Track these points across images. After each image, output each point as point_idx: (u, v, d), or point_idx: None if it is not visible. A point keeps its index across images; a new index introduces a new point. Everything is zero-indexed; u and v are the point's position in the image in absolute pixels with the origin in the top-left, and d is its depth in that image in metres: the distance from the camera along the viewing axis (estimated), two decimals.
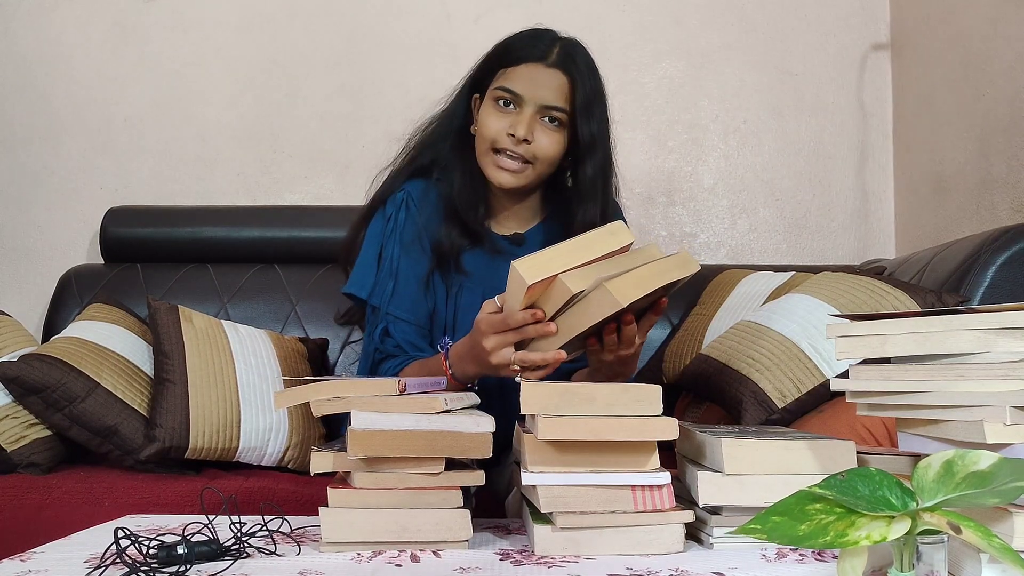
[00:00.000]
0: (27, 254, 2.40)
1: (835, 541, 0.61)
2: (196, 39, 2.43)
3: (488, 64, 1.42)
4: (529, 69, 1.35)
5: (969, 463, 0.66)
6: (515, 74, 1.36)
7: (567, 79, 1.35)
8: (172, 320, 1.76)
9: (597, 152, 1.38)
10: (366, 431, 0.90)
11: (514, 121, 1.34)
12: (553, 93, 1.34)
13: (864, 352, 0.87)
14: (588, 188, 1.39)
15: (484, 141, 1.37)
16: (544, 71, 1.35)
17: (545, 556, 0.87)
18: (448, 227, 1.39)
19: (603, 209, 1.40)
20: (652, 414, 0.88)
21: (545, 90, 1.34)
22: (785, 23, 2.40)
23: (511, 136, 1.33)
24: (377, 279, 1.40)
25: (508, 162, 1.35)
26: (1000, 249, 1.55)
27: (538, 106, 1.34)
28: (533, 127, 1.34)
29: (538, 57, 1.36)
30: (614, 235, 1.01)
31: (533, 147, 1.35)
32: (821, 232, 2.39)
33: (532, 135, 1.34)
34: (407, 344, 1.37)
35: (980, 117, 1.95)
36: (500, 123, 1.34)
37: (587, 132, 1.36)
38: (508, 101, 1.35)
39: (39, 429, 1.63)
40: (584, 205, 1.39)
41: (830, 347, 1.46)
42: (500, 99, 1.36)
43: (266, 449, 1.70)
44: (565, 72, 1.36)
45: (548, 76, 1.35)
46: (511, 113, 1.35)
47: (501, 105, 1.36)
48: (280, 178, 2.41)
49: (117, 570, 0.81)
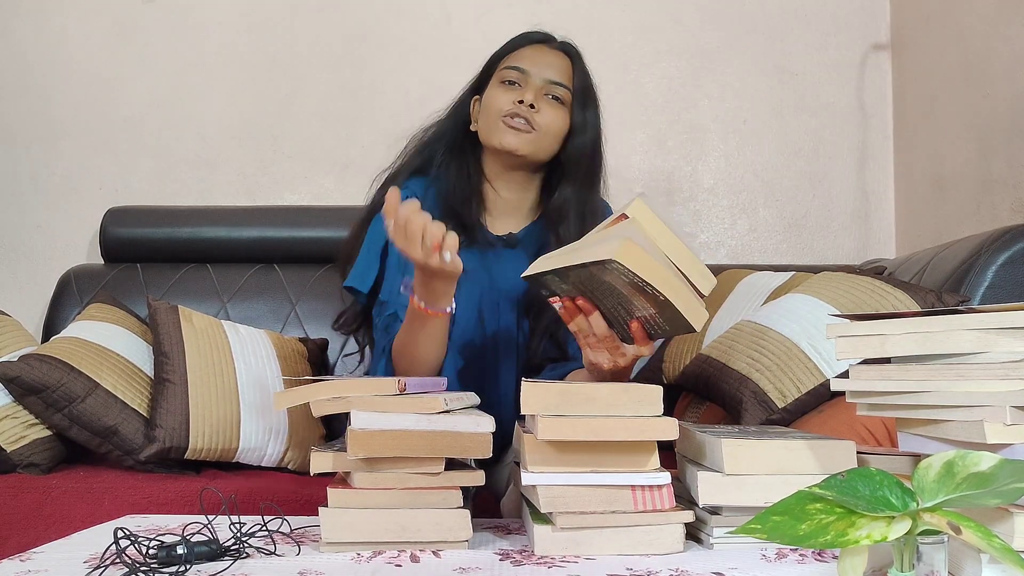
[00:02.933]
0: (27, 254, 2.40)
1: (835, 541, 0.61)
2: (196, 39, 2.43)
3: (489, 64, 1.47)
4: (534, 49, 1.44)
5: (970, 463, 0.66)
6: (519, 54, 1.43)
7: (569, 61, 1.44)
8: (172, 320, 1.76)
9: (587, 138, 1.43)
10: (366, 431, 0.90)
11: (521, 92, 1.39)
12: (557, 71, 1.42)
13: (864, 352, 0.86)
14: (572, 167, 1.43)
15: (492, 115, 1.40)
16: (548, 51, 1.44)
17: (545, 556, 0.87)
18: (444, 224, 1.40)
19: (585, 195, 1.43)
20: (652, 414, 0.88)
21: (550, 68, 1.42)
22: (785, 23, 2.40)
23: (519, 103, 1.38)
24: (385, 273, 1.40)
25: (516, 122, 1.39)
26: (1000, 249, 1.55)
27: (544, 81, 1.40)
28: (539, 100, 1.39)
29: (541, 40, 1.45)
30: (705, 279, 1.02)
31: (539, 117, 1.39)
32: (821, 232, 2.39)
33: (539, 105, 1.39)
34: None
35: (980, 117, 1.95)
36: (507, 96, 1.40)
37: (581, 117, 1.42)
38: (513, 79, 1.41)
39: (39, 429, 1.63)
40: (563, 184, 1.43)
41: (830, 347, 1.46)
42: (505, 79, 1.41)
43: (266, 449, 1.70)
44: (567, 54, 1.45)
45: (552, 55, 1.44)
46: (517, 90, 1.40)
47: (507, 85, 1.41)
48: (280, 178, 2.41)
49: (117, 570, 0.81)
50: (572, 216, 1.42)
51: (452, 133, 1.47)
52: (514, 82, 1.40)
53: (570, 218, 1.42)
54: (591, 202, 1.45)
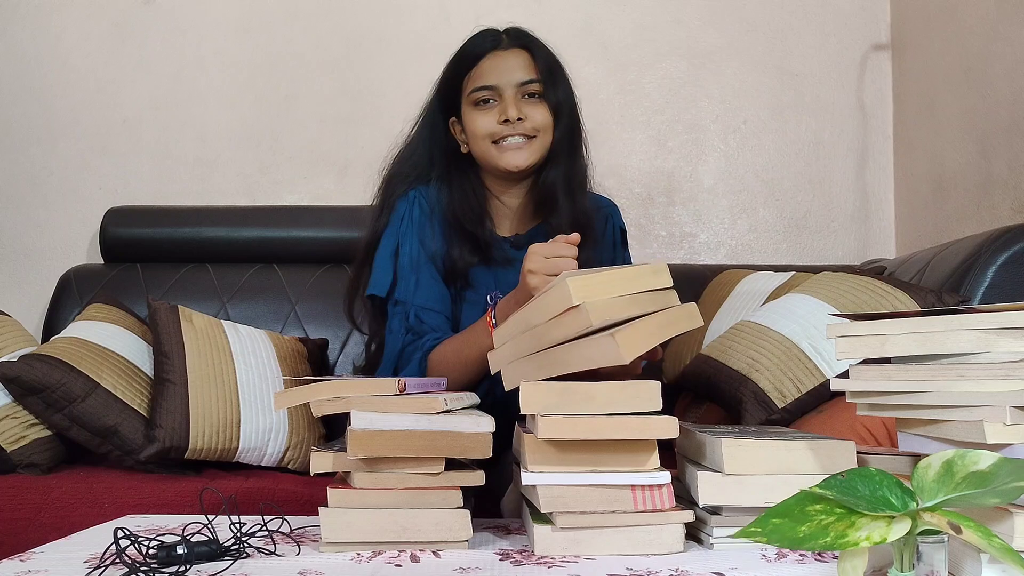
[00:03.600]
0: (27, 254, 2.40)
1: (835, 542, 0.61)
2: (195, 40, 2.43)
3: (450, 83, 1.44)
4: (491, 59, 1.40)
5: (969, 463, 0.66)
6: (480, 71, 1.40)
7: (527, 52, 1.41)
8: (172, 320, 1.76)
9: (566, 114, 1.41)
10: (366, 431, 0.90)
11: (500, 110, 1.37)
12: (522, 70, 1.39)
13: (864, 352, 0.86)
14: (556, 151, 1.41)
15: (481, 141, 1.39)
16: (505, 55, 1.41)
17: (545, 556, 0.87)
18: (458, 246, 1.40)
19: (568, 174, 1.42)
20: (652, 410, 0.88)
21: (513, 71, 1.39)
22: (785, 23, 2.40)
23: (505, 122, 1.36)
24: (398, 275, 1.40)
25: (513, 141, 1.38)
26: (1000, 249, 1.55)
27: (515, 86, 1.38)
28: (520, 106, 1.37)
29: (492, 47, 1.41)
30: (656, 275, 0.99)
31: (528, 122, 1.38)
32: (821, 232, 2.39)
33: (523, 113, 1.37)
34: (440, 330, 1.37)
35: (980, 117, 1.95)
36: (489, 118, 1.38)
37: (555, 97, 1.40)
38: (486, 98, 1.39)
39: (39, 429, 1.63)
40: (548, 166, 1.42)
41: (830, 347, 1.46)
42: (478, 100, 1.39)
43: (266, 449, 1.70)
44: (522, 47, 1.42)
45: (511, 57, 1.40)
46: (494, 107, 1.38)
47: (482, 105, 1.39)
48: (279, 178, 2.41)
49: (117, 570, 0.81)
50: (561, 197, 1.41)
51: (442, 159, 1.45)
52: (487, 100, 1.38)
53: (559, 199, 1.41)
54: (577, 174, 1.44)
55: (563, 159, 1.42)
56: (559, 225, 1.38)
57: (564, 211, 1.40)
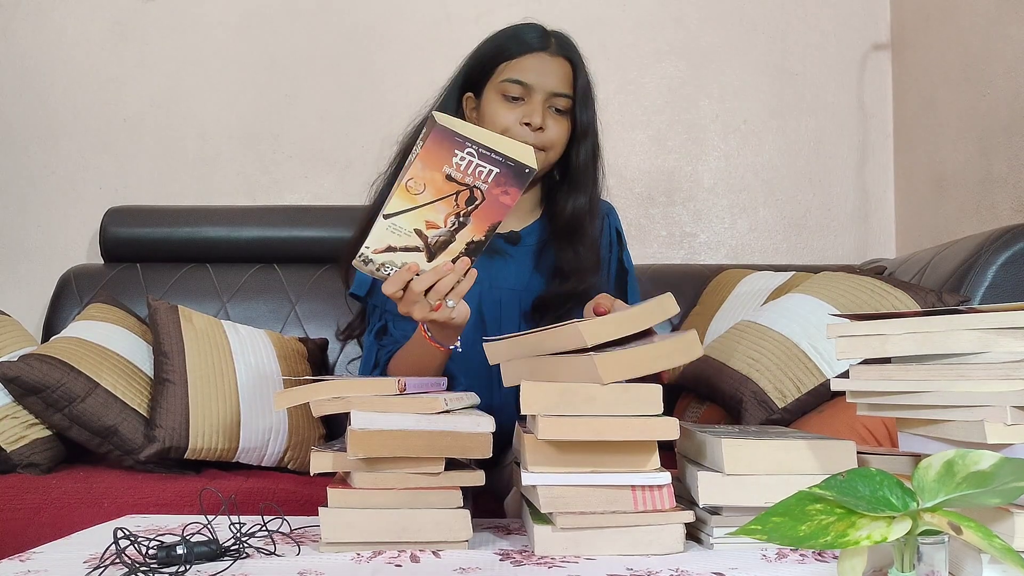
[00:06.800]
0: (27, 254, 2.40)
1: (835, 542, 0.61)
2: (196, 39, 2.43)
3: (484, 61, 1.42)
4: (535, 59, 1.37)
5: (970, 463, 0.66)
6: (521, 65, 1.37)
7: (570, 66, 1.38)
8: (172, 320, 1.76)
9: (589, 139, 1.40)
10: (366, 431, 0.90)
11: (526, 111, 1.35)
12: (560, 80, 1.37)
13: (864, 352, 0.86)
14: (579, 175, 1.41)
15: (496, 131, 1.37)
16: (549, 59, 1.37)
17: (545, 556, 0.87)
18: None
19: (591, 198, 1.42)
20: (652, 414, 0.88)
21: (553, 78, 1.36)
22: (785, 23, 2.40)
23: (526, 125, 1.34)
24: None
25: None
26: (1001, 249, 1.55)
27: (547, 93, 1.36)
28: (544, 114, 1.36)
29: (541, 47, 1.38)
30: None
31: (546, 136, 1.36)
32: (821, 232, 2.39)
33: (545, 124, 1.35)
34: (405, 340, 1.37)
35: (980, 117, 1.95)
36: (511, 115, 1.35)
37: (584, 119, 1.38)
38: (516, 95, 1.36)
39: (39, 429, 1.63)
40: (574, 193, 1.41)
41: (830, 347, 1.46)
42: (508, 93, 1.36)
43: (266, 449, 1.70)
44: (568, 59, 1.39)
45: (554, 64, 1.37)
46: (520, 104, 1.36)
47: (509, 98, 1.37)
48: (280, 178, 2.41)
49: (117, 570, 0.81)
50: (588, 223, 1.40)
51: None
52: (517, 97, 1.36)
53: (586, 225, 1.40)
54: (595, 200, 1.44)
55: (589, 186, 1.41)
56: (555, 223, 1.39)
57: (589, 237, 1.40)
